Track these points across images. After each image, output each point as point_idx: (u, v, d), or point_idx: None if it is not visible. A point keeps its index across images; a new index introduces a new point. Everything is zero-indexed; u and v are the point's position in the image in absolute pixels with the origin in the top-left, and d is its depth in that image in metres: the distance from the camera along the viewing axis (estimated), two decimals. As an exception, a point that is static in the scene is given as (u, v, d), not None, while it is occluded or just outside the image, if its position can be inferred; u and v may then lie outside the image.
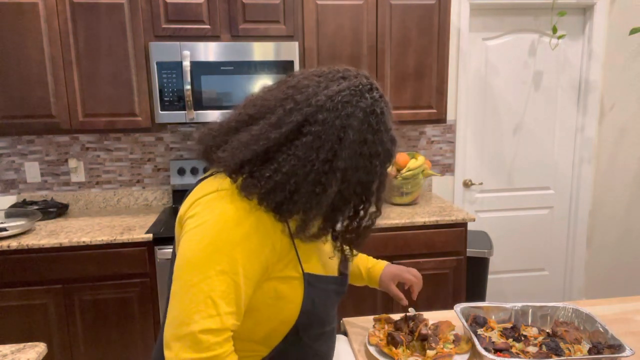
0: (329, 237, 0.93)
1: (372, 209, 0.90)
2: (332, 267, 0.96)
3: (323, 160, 0.78)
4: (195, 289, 0.75)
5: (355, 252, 0.98)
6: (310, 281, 0.87)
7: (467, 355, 1.08)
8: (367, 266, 1.25)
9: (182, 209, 0.86)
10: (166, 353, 0.76)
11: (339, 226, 0.90)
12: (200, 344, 0.74)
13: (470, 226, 3.02)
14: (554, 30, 2.78)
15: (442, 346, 1.10)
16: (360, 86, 0.83)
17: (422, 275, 1.26)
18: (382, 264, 1.25)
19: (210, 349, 0.75)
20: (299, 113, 0.80)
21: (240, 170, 0.81)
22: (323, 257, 0.94)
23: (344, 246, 0.94)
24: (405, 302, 1.19)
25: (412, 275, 1.22)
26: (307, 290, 0.87)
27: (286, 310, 0.86)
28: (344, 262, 1.03)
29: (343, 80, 0.83)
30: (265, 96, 0.86)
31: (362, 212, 0.89)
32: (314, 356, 0.96)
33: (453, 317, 1.27)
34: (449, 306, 2.36)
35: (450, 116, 2.88)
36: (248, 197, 0.80)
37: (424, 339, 1.10)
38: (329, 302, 0.93)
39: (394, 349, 1.09)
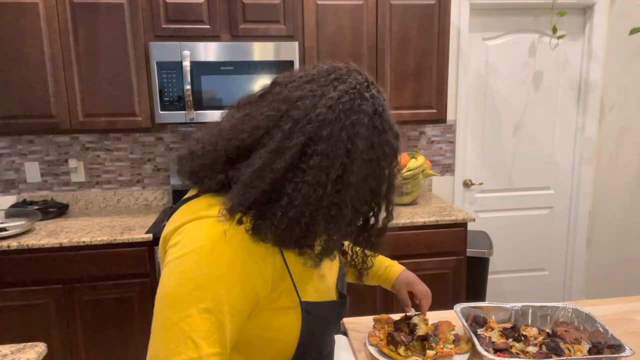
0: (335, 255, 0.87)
1: (383, 214, 0.83)
2: (328, 290, 0.89)
3: (334, 179, 0.71)
4: (175, 328, 0.67)
5: (370, 263, 0.91)
6: (309, 310, 0.79)
7: (467, 355, 1.08)
8: (385, 264, 1.23)
9: (167, 229, 0.79)
10: None
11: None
12: None
13: (470, 226, 3.02)
14: (554, 30, 2.78)
15: (442, 346, 1.10)
16: (358, 86, 0.75)
17: (421, 275, 1.26)
18: (399, 267, 1.24)
19: None
20: (300, 133, 0.71)
21: (247, 212, 0.72)
22: (319, 282, 0.86)
23: (356, 260, 0.88)
24: (410, 309, 1.18)
25: (422, 288, 1.20)
26: (305, 320, 0.79)
27: (281, 342, 0.79)
28: (342, 280, 0.96)
29: (338, 83, 0.75)
30: (254, 114, 0.76)
31: (372, 220, 0.83)
32: None
33: (453, 317, 1.27)
34: (449, 306, 2.35)
35: (450, 116, 2.88)
36: (263, 241, 0.72)
37: (424, 339, 1.10)
38: (328, 329, 0.86)
39: (394, 349, 1.09)
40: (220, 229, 0.72)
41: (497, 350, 1.06)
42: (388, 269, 1.23)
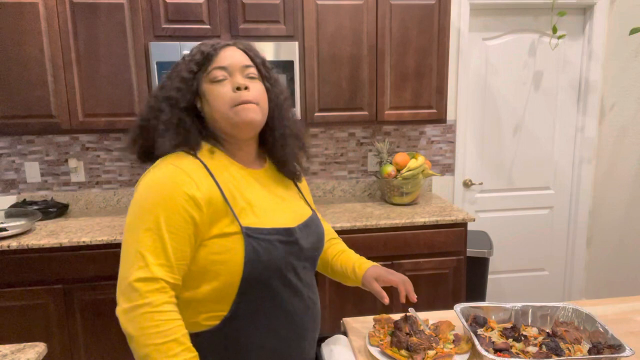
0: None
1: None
2: (277, 221, 1.01)
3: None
4: (130, 248, 0.91)
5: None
6: (249, 233, 0.95)
7: (467, 355, 1.08)
8: (353, 265, 1.23)
9: None
10: (116, 309, 0.90)
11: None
12: (134, 293, 0.87)
13: (470, 226, 3.02)
14: (554, 30, 2.78)
15: (442, 346, 1.10)
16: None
17: (421, 275, 1.25)
18: (367, 264, 1.22)
19: (143, 297, 0.87)
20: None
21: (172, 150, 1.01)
22: (264, 213, 1.01)
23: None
24: (386, 300, 1.13)
25: (396, 277, 1.17)
26: (247, 242, 0.94)
27: (231, 263, 0.94)
28: (307, 227, 1.08)
29: None
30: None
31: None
32: (284, 314, 1.01)
33: (453, 317, 1.27)
34: (449, 306, 2.36)
35: (450, 116, 2.88)
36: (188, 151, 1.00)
37: (407, 348, 1.09)
38: (276, 252, 0.97)
39: (396, 350, 1.09)
40: (156, 168, 0.96)
41: (497, 350, 1.06)
42: (356, 270, 1.21)
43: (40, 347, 1.20)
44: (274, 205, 1.04)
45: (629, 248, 2.82)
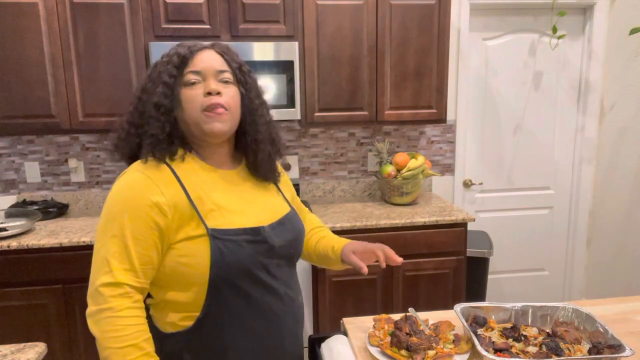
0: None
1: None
2: (246, 222, 1.01)
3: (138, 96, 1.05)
4: (98, 254, 0.95)
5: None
6: (216, 235, 0.96)
7: (467, 355, 1.08)
8: (333, 245, 1.23)
9: None
10: (86, 310, 0.94)
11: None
12: (100, 297, 0.91)
13: (470, 226, 3.02)
14: (554, 30, 2.78)
15: (442, 346, 1.10)
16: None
17: (421, 275, 1.25)
18: (344, 242, 1.23)
19: (107, 302, 0.91)
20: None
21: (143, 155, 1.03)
22: (232, 215, 1.01)
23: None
24: (364, 270, 1.12)
25: (373, 245, 1.18)
26: (213, 243, 0.96)
27: (198, 265, 0.95)
28: (282, 226, 1.08)
29: None
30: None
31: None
32: (258, 312, 1.02)
33: (453, 317, 1.27)
34: (449, 306, 2.36)
35: (450, 116, 2.88)
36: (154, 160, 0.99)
37: (407, 348, 1.08)
38: (242, 252, 0.98)
39: (396, 350, 1.09)
40: (125, 175, 0.99)
41: (497, 350, 1.06)
42: (335, 248, 1.22)
43: (40, 347, 1.20)
44: (244, 205, 1.05)
45: (629, 248, 2.82)
